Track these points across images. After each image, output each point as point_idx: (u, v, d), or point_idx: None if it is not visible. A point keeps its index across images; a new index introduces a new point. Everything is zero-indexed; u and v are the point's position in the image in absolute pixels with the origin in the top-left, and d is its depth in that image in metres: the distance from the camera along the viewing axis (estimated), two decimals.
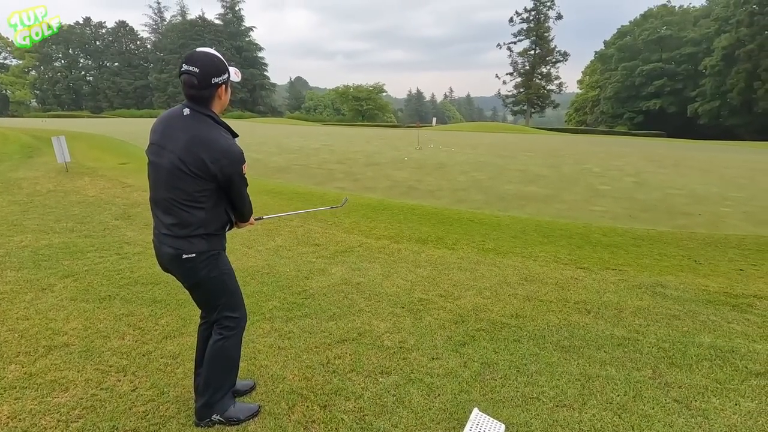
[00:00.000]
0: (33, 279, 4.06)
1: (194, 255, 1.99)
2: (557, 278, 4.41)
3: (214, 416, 2.22)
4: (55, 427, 2.23)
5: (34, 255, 4.68)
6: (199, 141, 1.87)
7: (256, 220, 2.41)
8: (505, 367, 2.83)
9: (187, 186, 1.90)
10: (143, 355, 2.89)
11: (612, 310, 3.71)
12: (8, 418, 2.29)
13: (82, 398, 2.45)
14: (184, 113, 1.92)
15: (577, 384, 2.64)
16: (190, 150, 1.87)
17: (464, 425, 2.11)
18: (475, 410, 2.14)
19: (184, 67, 1.87)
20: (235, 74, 2.01)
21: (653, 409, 2.41)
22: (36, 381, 2.59)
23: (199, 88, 1.88)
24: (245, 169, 2.00)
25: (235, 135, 2.04)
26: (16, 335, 3.10)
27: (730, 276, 4.66)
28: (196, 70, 1.85)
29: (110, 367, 2.76)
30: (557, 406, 2.44)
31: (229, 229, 2.18)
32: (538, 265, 4.82)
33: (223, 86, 1.94)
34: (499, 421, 2.21)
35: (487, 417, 2.10)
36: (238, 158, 1.94)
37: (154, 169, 1.98)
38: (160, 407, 2.39)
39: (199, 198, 1.93)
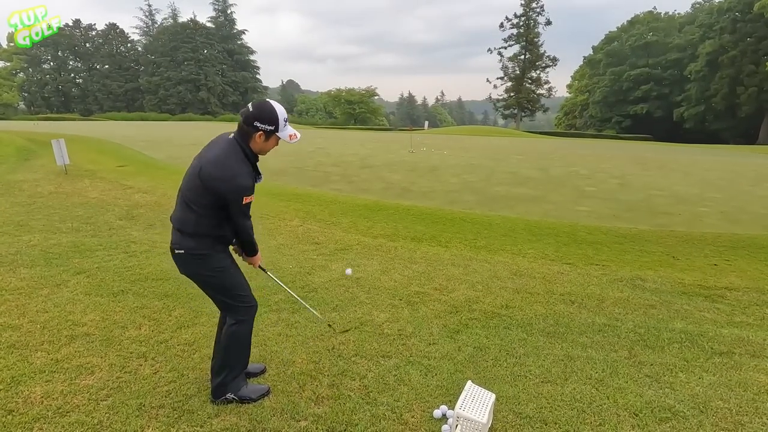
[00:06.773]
0: (47, 275, 4.24)
1: (183, 251, 2.31)
2: (544, 273, 4.70)
3: (228, 395, 2.47)
4: (87, 405, 2.44)
5: (45, 253, 4.84)
6: (216, 159, 2.22)
7: (261, 267, 2.77)
8: (495, 350, 3.09)
9: (196, 190, 2.24)
10: (161, 343, 3.10)
11: (594, 300, 4.00)
12: (42, 397, 2.50)
13: (108, 380, 2.67)
14: (229, 137, 2.29)
15: (560, 364, 2.92)
16: (210, 163, 2.22)
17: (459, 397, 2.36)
18: (469, 382, 2.39)
19: (249, 105, 2.27)
20: (289, 138, 2.30)
21: (627, 383, 2.70)
22: (63, 366, 2.80)
23: (243, 123, 2.23)
24: (246, 200, 2.22)
25: (258, 173, 2.34)
26: (38, 326, 3.29)
27: (705, 270, 4.99)
28: (249, 110, 2.23)
29: (131, 353, 2.97)
30: (542, 382, 2.72)
31: (232, 245, 2.51)
32: (527, 261, 5.11)
33: (262, 134, 2.23)
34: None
35: (480, 388, 2.36)
36: (236, 189, 2.18)
37: (190, 168, 2.32)
38: (182, 387, 2.62)
39: (200, 203, 2.24)
